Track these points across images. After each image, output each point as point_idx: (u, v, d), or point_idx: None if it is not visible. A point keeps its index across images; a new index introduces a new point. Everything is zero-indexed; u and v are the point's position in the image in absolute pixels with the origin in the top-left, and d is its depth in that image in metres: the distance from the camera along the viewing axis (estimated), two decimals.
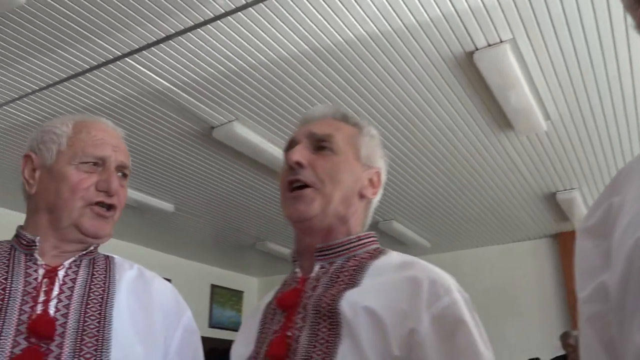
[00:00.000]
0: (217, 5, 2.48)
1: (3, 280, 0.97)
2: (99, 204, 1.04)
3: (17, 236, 1.06)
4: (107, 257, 1.12)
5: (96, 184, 1.04)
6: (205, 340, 1.18)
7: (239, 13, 2.53)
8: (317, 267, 0.97)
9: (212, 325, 7.00)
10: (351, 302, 0.87)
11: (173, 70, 2.99)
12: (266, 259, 6.84)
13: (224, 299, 7.38)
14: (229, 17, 2.55)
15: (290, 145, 1.04)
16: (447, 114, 3.46)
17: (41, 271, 1.01)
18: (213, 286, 7.25)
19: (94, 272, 1.05)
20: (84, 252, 1.06)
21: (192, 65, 2.94)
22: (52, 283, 0.99)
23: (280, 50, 2.81)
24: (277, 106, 3.35)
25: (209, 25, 2.61)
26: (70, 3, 2.46)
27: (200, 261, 7.02)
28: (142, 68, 2.96)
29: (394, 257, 0.97)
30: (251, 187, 4.64)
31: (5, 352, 0.90)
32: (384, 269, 0.94)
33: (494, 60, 2.86)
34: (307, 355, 0.85)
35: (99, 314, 0.98)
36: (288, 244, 6.32)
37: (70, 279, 1.01)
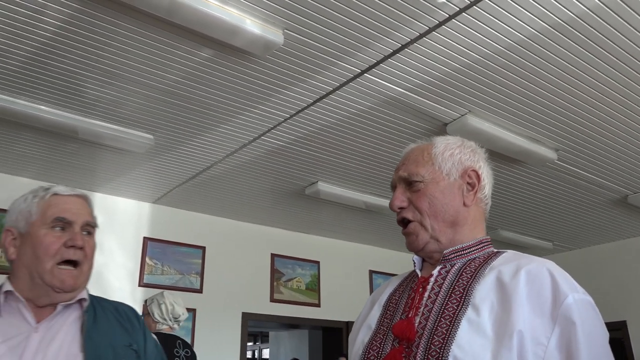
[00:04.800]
0: (451, 5, 2.51)
1: (397, 297, 1.16)
2: None
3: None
4: (493, 254, 1.13)
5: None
6: None
7: (474, 7, 2.52)
8: None
9: None
10: None
11: (407, 76, 3.09)
12: (498, 246, 6.64)
13: None
14: (463, 13, 2.56)
15: None
16: None
17: (416, 283, 1.14)
18: None
19: (463, 273, 1.09)
20: (446, 257, 1.14)
21: (425, 68, 3.01)
22: (424, 291, 1.10)
23: (516, 33, 2.72)
24: (511, 90, 3.24)
25: (444, 26, 2.65)
26: (316, 34, 2.71)
27: None
28: (378, 80, 3.12)
29: None
30: None
31: (384, 353, 1.06)
32: None
33: None
34: None
35: (453, 313, 1.01)
36: (523, 230, 6.07)
37: (438, 285, 1.09)
